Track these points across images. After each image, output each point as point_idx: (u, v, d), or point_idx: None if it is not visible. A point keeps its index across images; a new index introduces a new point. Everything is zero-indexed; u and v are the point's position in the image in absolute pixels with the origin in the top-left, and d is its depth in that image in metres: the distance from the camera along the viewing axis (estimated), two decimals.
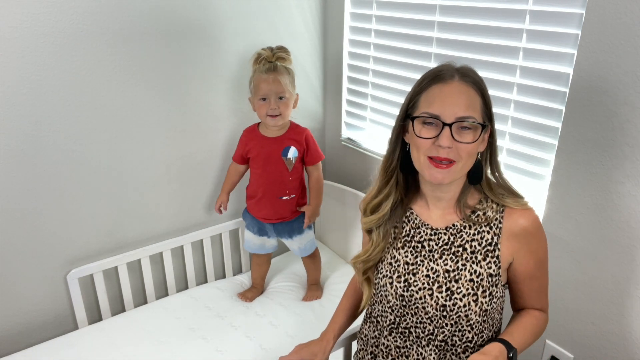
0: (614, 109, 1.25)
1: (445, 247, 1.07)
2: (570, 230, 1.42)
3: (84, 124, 1.69)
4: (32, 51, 1.53)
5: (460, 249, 1.05)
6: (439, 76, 0.99)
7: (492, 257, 1.04)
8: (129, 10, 1.65)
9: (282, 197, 1.87)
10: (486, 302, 1.03)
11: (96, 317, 1.91)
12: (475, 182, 1.06)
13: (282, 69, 1.74)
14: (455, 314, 1.04)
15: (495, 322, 1.10)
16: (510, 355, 0.98)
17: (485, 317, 1.05)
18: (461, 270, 1.04)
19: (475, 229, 1.05)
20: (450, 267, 1.05)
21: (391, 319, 1.13)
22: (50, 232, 1.74)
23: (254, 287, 2.06)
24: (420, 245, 1.10)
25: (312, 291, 2.03)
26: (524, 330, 1.07)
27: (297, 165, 1.86)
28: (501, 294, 1.07)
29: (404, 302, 1.09)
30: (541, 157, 1.48)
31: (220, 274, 2.21)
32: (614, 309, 1.38)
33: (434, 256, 1.08)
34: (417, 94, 1.01)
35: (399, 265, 1.11)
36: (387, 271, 1.12)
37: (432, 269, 1.07)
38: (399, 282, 1.09)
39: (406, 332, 1.11)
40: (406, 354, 1.12)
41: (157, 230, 1.99)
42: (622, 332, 1.37)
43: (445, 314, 1.04)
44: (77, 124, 1.68)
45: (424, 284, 1.07)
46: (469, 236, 1.05)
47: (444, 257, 1.07)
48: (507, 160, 1.56)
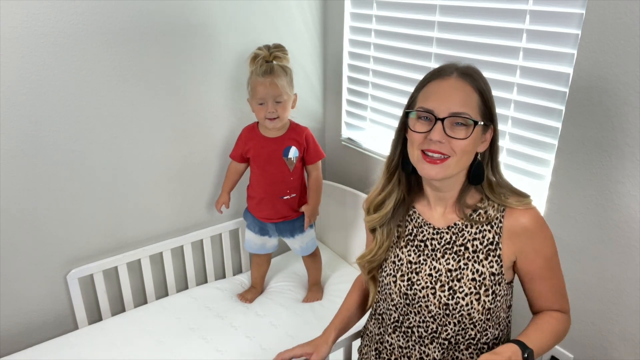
0: (614, 109, 1.25)
1: (447, 246, 1.07)
2: (570, 230, 1.42)
3: (84, 124, 1.69)
4: (32, 51, 1.53)
5: (462, 248, 1.06)
6: (438, 73, 1.01)
7: (494, 256, 1.04)
8: (129, 10, 1.65)
9: (283, 197, 1.87)
10: (489, 301, 1.03)
11: (96, 317, 1.91)
12: (475, 183, 1.06)
13: (279, 70, 1.72)
14: (458, 313, 1.04)
15: (501, 320, 1.10)
16: (525, 355, 0.95)
17: (489, 316, 1.05)
18: (463, 269, 1.05)
19: (476, 228, 1.05)
20: (452, 266, 1.06)
21: (395, 317, 1.13)
22: (50, 232, 1.74)
23: (253, 288, 2.05)
24: (423, 244, 1.10)
25: (313, 292, 2.02)
26: (540, 331, 1.03)
27: (297, 164, 1.85)
28: (505, 292, 1.07)
29: (408, 301, 1.09)
30: (541, 157, 1.48)
31: (220, 274, 2.21)
32: (614, 309, 1.38)
33: (436, 255, 1.08)
34: (417, 91, 1.03)
35: (402, 264, 1.11)
36: (390, 270, 1.13)
37: (434, 268, 1.07)
38: (403, 280, 1.10)
39: (409, 331, 1.11)
40: (409, 355, 1.13)
41: (157, 230, 1.98)
42: (622, 332, 1.37)
43: (448, 312, 1.05)
44: (77, 124, 1.67)
45: (426, 282, 1.07)
46: (470, 235, 1.06)
47: (447, 256, 1.07)
48: (507, 160, 1.57)
